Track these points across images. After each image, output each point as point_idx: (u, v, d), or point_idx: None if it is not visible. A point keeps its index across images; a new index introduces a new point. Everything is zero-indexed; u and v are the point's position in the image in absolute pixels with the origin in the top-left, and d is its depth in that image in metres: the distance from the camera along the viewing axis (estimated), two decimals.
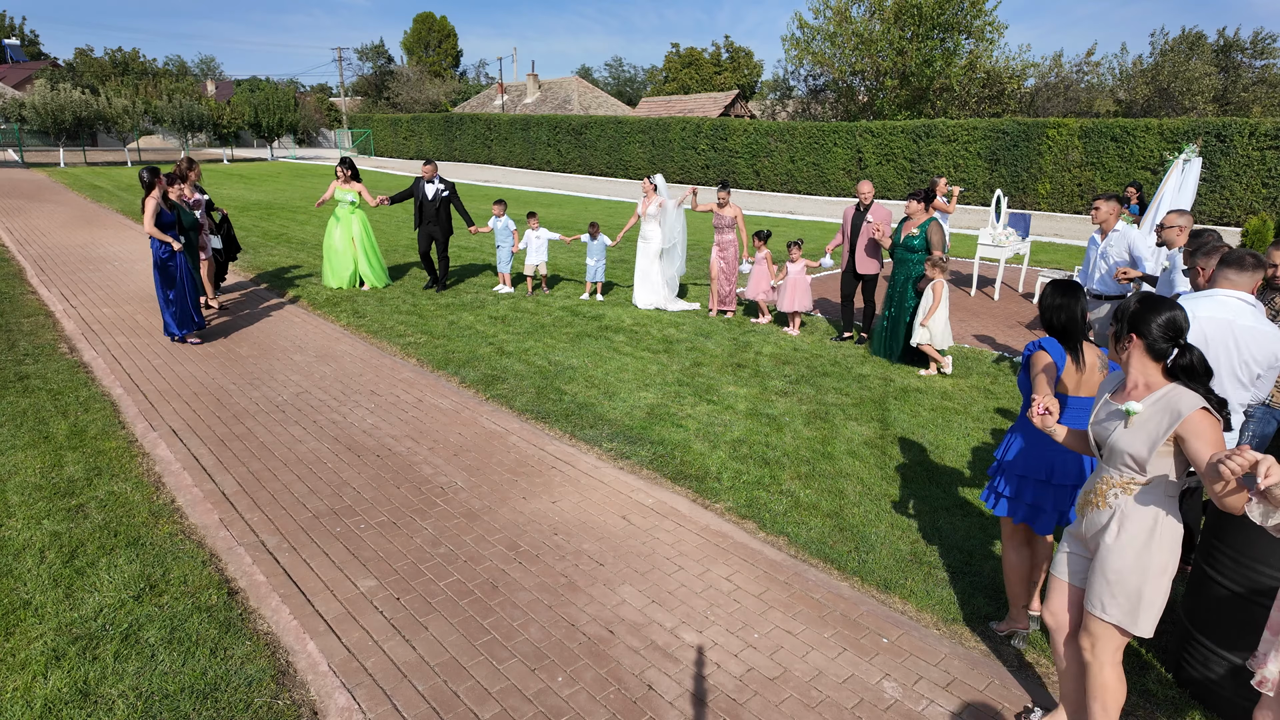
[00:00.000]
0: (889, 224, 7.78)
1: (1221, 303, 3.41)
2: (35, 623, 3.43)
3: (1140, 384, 2.50)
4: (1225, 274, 3.47)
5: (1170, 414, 2.38)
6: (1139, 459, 2.45)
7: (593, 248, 9.70)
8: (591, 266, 9.78)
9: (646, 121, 31.48)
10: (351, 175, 9.80)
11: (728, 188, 8.91)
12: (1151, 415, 2.42)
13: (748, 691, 3.12)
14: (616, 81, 74.99)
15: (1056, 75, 34.06)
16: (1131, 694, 3.17)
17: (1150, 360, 2.48)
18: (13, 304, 9.09)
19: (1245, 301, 3.41)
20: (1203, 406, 2.33)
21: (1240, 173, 18.79)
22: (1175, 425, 2.35)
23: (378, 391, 6.46)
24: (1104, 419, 2.59)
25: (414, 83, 57.78)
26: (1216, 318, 3.36)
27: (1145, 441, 2.43)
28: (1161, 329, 2.43)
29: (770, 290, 8.81)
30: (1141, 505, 2.48)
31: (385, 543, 4.15)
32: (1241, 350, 3.36)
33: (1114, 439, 2.52)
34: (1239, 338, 3.35)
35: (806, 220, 19.86)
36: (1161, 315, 2.43)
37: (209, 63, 78.02)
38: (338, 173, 9.78)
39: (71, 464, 4.99)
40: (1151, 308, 2.45)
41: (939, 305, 6.91)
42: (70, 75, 50.80)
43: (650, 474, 5.07)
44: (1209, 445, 2.27)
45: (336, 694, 3.05)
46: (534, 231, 9.72)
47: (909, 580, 3.90)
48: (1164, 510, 2.48)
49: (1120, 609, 2.52)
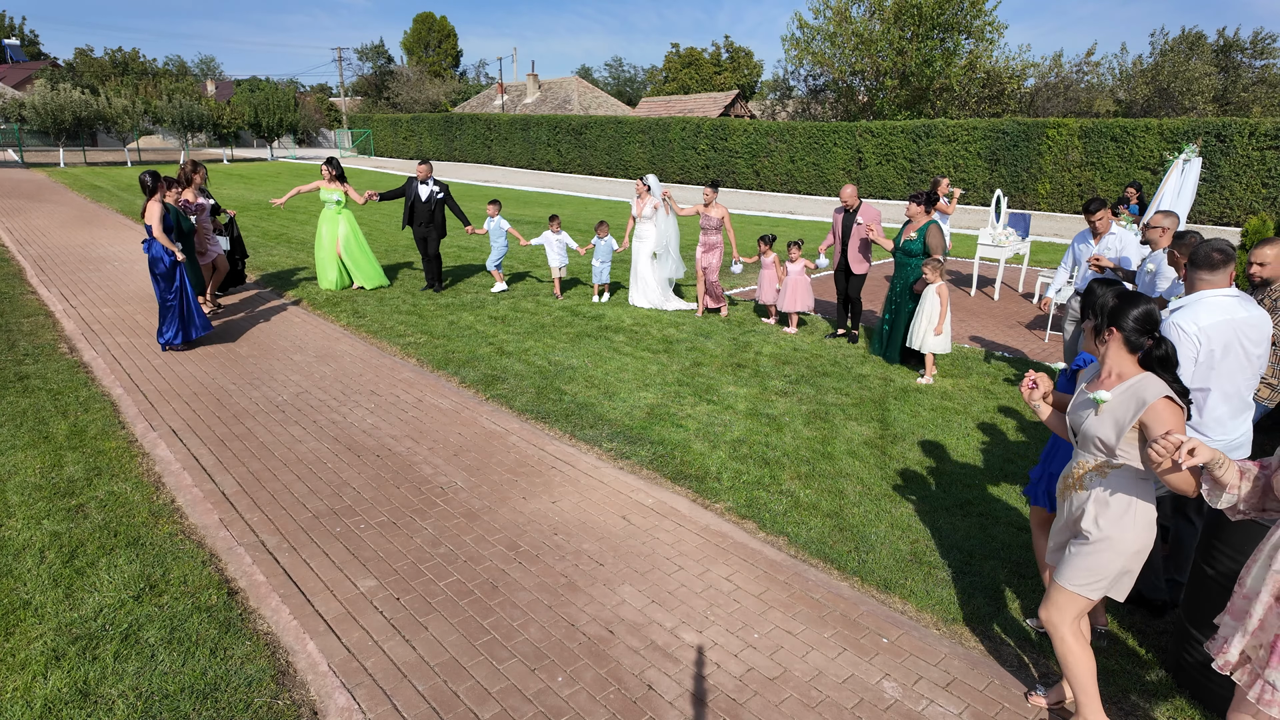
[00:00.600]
0: (879, 222, 7.80)
1: (1213, 305, 3.40)
2: (35, 623, 3.43)
3: (1114, 374, 2.62)
4: (1200, 276, 3.48)
5: (1136, 402, 2.50)
6: (1107, 444, 2.59)
7: (600, 248, 9.68)
8: (597, 268, 9.76)
9: (646, 121, 31.48)
10: (337, 175, 9.65)
11: (716, 187, 8.91)
12: (1120, 403, 2.54)
13: (748, 691, 3.12)
14: (616, 81, 75.00)
15: (1056, 75, 34.08)
16: (1131, 693, 3.17)
17: (1126, 352, 2.60)
18: (13, 304, 9.09)
19: (1230, 295, 3.42)
20: (1167, 395, 2.45)
21: (1240, 173, 18.79)
22: (1140, 413, 2.48)
23: (378, 391, 6.46)
24: (1079, 407, 2.72)
25: (414, 83, 57.80)
26: (1219, 322, 3.36)
27: (1113, 428, 2.56)
28: (1138, 322, 2.56)
29: (776, 292, 8.79)
30: (1115, 488, 2.61)
31: (385, 543, 4.15)
32: (1245, 343, 3.38)
33: (1085, 426, 2.65)
34: (1241, 331, 3.37)
35: (806, 220, 19.86)
36: (1138, 309, 2.56)
37: (209, 63, 78.04)
38: (323, 172, 9.63)
39: (71, 464, 4.99)
40: (1128, 302, 2.57)
41: (947, 311, 6.79)
42: (70, 75, 50.81)
43: (650, 474, 5.07)
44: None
45: (336, 694, 3.05)
46: (556, 235, 9.68)
47: (909, 580, 3.91)
48: (1137, 493, 2.60)
49: (1097, 584, 2.65)
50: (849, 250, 7.96)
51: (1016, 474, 5.15)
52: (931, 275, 6.83)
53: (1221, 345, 3.35)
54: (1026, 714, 3.03)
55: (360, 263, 10.06)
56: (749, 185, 28.82)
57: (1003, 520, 4.52)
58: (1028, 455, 5.45)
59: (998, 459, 5.38)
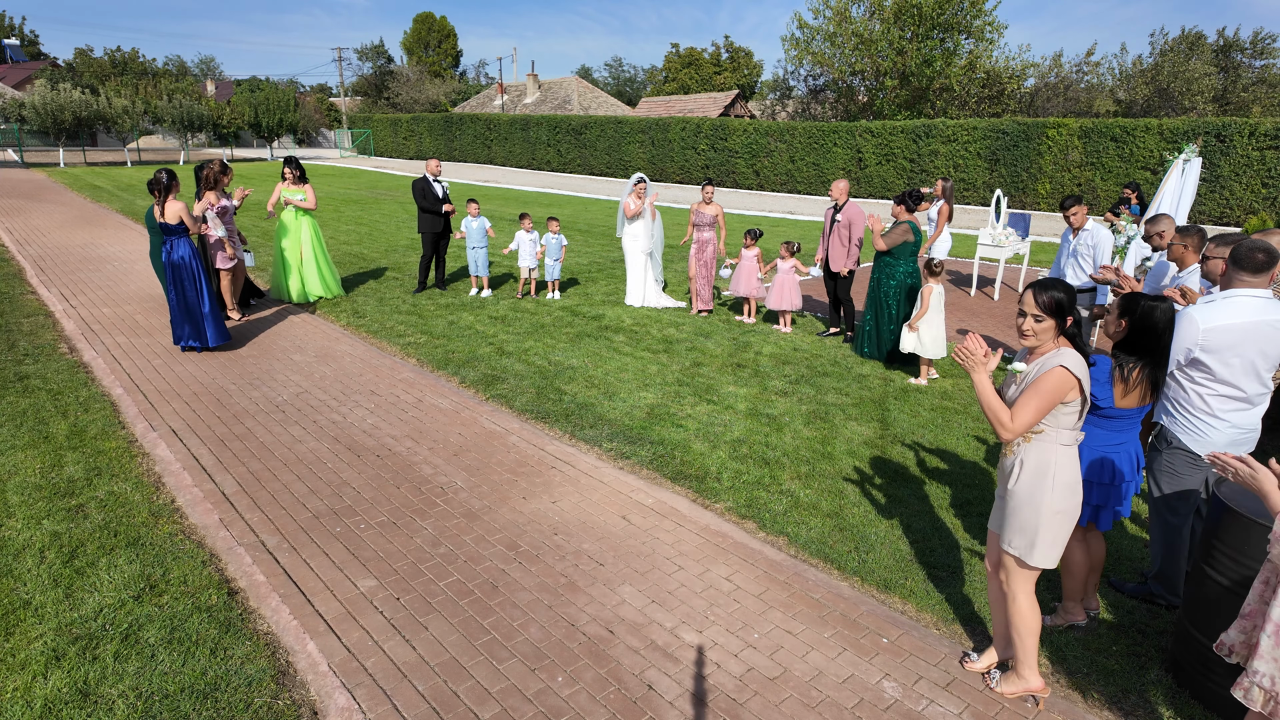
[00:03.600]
0: (863, 219, 7.80)
1: (1241, 306, 3.35)
2: (35, 623, 3.43)
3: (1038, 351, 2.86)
4: (1240, 276, 3.42)
5: (1038, 368, 2.76)
6: None
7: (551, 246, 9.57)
8: (550, 265, 9.66)
9: (646, 121, 31.48)
10: (300, 176, 9.09)
11: (712, 184, 8.95)
12: (1031, 372, 2.81)
13: (748, 691, 3.12)
14: (616, 81, 74.99)
15: (1056, 75, 34.09)
16: (1130, 693, 3.17)
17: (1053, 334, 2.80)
18: (13, 304, 9.09)
19: (1261, 296, 3.38)
20: (1063, 365, 2.69)
21: (1240, 173, 18.79)
22: (1037, 375, 2.75)
23: (378, 391, 6.46)
24: (1008, 382, 2.93)
25: (414, 83, 57.79)
26: (1238, 324, 3.32)
27: (1018, 393, 2.81)
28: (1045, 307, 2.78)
29: (758, 286, 8.79)
30: (1038, 452, 2.82)
31: (385, 543, 4.15)
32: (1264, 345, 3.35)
33: (1008, 395, 2.90)
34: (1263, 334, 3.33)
35: (806, 220, 19.86)
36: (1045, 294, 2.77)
37: (209, 63, 78.01)
38: (284, 173, 9.03)
39: (71, 464, 4.99)
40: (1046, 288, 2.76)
41: (926, 310, 6.70)
42: (70, 75, 50.77)
43: (650, 474, 5.07)
44: (1035, 393, 2.70)
45: (336, 694, 3.05)
46: (528, 234, 9.60)
47: (909, 580, 3.91)
48: (1058, 457, 2.81)
49: (1021, 542, 2.88)
50: (831, 248, 7.98)
51: None
52: (924, 275, 6.81)
53: (1229, 345, 3.34)
54: (1026, 714, 3.03)
55: (323, 271, 9.49)
56: (749, 185, 28.82)
57: None
58: None
59: (993, 457, 5.38)
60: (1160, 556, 3.67)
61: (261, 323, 8.54)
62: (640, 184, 9.15)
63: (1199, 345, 3.37)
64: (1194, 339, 3.37)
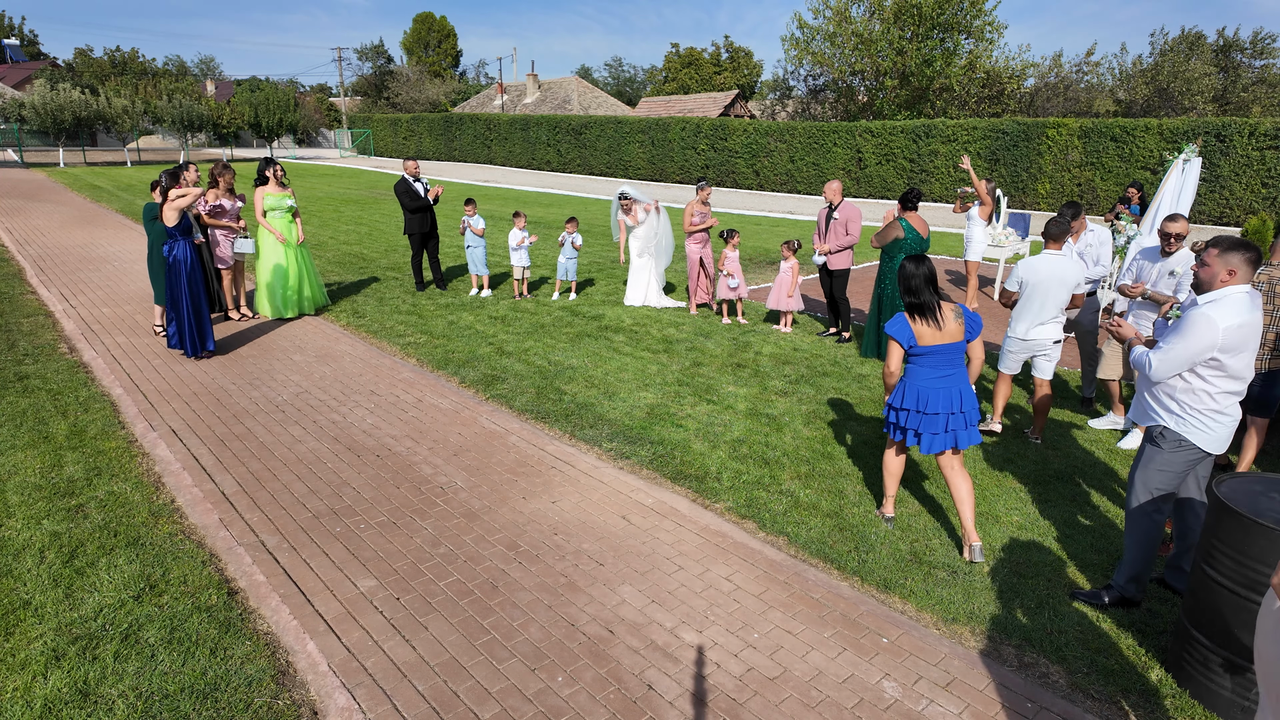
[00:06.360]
0: (858, 221, 7.82)
1: (1237, 303, 3.36)
2: (35, 623, 3.43)
3: None
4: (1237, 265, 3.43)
5: None
6: None
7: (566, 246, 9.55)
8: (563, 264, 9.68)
9: (646, 121, 31.47)
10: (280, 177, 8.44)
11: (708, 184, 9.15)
12: None
13: (748, 691, 3.12)
14: (616, 81, 74.98)
15: (1056, 75, 34.08)
16: (1131, 693, 3.17)
17: None
18: (13, 304, 9.09)
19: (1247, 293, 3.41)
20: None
21: (1240, 173, 18.79)
22: None
23: (377, 391, 6.46)
24: None
25: (414, 83, 57.78)
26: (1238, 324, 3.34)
27: None
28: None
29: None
30: None
31: (385, 543, 4.15)
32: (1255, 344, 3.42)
33: None
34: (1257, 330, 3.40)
35: (807, 220, 19.85)
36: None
37: (209, 63, 77.98)
38: (267, 176, 8.26)
39: (71, 464, 4.99)
40: None
41: None
42: (70, 75, 50.76)
43: (650, 474, 5.07)
44: None
45: (336, 694, 3.05)
46: (521, 233, 9.60)
47: (909, 580, 3.91)
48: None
49: None
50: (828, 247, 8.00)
51: (1016, 473, 5.15)
52: None
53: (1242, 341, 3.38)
54: (1026, 714, 3.03)
55: (313, 281, 8.92)
56: (749, 185, 28.81)
57: (1002, 520, 4.52)
58: (1027, 455, 5.45)
59: (998, 459, 5.38)
60: (1139, 559, 3.66)
61: (261, 322, 8.54)
62: (625, 200, 9.19)
63: (1218, 345, 3.36)
64: (1213, 340, 3.35)
